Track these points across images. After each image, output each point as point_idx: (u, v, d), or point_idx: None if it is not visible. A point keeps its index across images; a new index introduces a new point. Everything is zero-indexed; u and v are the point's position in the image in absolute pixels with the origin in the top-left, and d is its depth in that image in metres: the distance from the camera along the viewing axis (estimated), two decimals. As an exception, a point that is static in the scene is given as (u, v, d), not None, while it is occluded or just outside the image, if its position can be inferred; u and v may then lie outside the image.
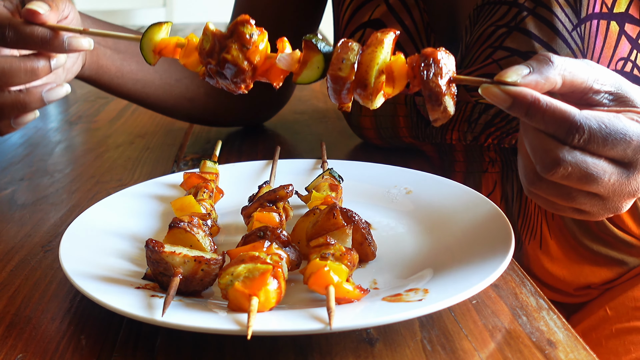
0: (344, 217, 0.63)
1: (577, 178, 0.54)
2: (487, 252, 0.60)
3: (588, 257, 0.91)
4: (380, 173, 0.84)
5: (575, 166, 0.54)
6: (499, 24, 0.85)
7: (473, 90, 0.88)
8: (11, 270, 0.67)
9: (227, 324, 0.50)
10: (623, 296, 0.90)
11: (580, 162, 0.54)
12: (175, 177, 0.83)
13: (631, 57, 0.81)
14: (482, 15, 0.87)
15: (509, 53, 0.84)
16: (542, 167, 0.54)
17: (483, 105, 0.88)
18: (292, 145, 1.10)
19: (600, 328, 0.89)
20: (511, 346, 0.52)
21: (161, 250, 0.56)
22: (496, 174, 0.92)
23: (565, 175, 0.54)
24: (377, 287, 0.59)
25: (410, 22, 0.93)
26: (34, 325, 0.57)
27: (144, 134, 1.19)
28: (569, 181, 0.55)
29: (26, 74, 0.67)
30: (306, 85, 1.57)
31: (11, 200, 0.87)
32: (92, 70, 0.86)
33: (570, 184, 0.55)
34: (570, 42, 0.81)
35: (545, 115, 0.53)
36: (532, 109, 0.53)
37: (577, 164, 0.54)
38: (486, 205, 0.70)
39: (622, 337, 0.87)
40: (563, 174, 0.54)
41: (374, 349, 0.52)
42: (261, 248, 0.57)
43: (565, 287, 0.94)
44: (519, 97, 0.53)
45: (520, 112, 0.53)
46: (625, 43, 0.80)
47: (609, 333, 0.88)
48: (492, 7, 0.86)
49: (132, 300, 0.54)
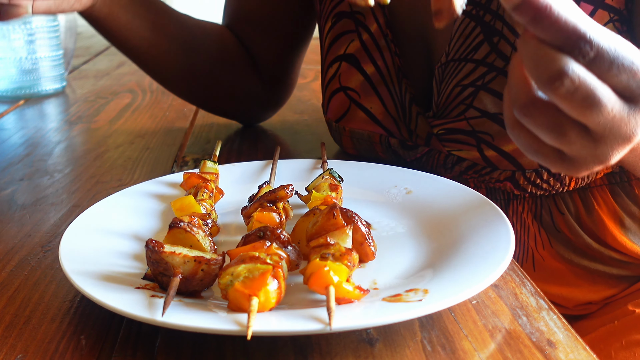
0: (344, 217, 0.63)
1: (581, 98, 0.47)
2: (487, 252, 0.60)
3: (584, 276, 0.90)
4: (380, 173, 0.84)
5: (583, 82, 0.46)
6: (464, 83, 0.82)
7: (445, 141, 0.87)
8: (11, 270, 0.67)
9: (227, 324, 0.50)
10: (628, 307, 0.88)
11: (588, 79, 0.47)
12: (175, 177, 0.83)
13: None
14: (448, 72, 0.85)
15: (479, 114, 0.82)
16: (545, 79, 0.47)
17: (455, 157, 0.87)
18: (292, 145, 1.10)
19: (609, 340, 0.88)
20: (511, 346, 0.52)
21: (161, 250, 0.56)
22: None
23: (571, 90, 0.46)
24: (377, 287, 0.59)
25: (382, 62, 0.91)
26: (33, 325, 0.57)
27: (144, 134, 1.19)
28: (571, 101, 0.47)
29: None
30: (306, 85, 1.57)
31: (11, 200, 0.87)
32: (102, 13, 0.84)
33: (571, 105, 0.48)
34: None
35: (554, 23, 0.46)
36: (541, 14, 0.45)
37: (584, 79, 0.46)
38: (486, 205, 0.70)
39: (632, 349, 0.85)
40: (569, 87, 0.46)
41: (374, 349, 0.52)
42: (261, 248, 0.57)
43: (565, 303, 0.93)
44: None
45: (525, 16, 0.46)
46: None
47: (619, 345, 0.86)
48: (457, 65, 0.83)
49: (132, 300, 0.54)
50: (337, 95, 0.95)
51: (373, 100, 0.92)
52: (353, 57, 0.93)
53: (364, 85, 0.92)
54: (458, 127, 0.85)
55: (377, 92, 0.91)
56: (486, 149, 0.83)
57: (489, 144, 0.83)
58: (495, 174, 0.85)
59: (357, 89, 0.93)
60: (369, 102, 0.92)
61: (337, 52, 0.95)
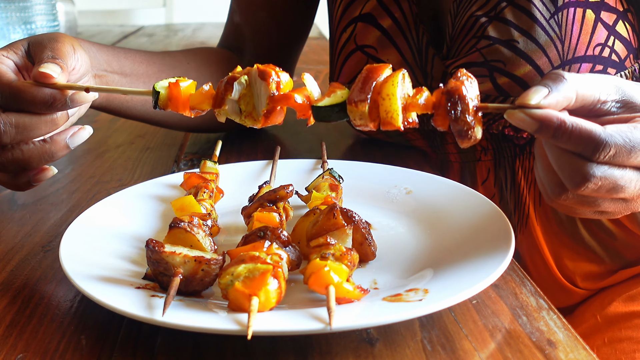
0: (344, 217, 0.63)
1: (606, 190, 0.56)
2: (487, 252, 0.60)
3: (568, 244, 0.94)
4: (380, 173, 0.84)
5: (605, 180, 0.56)
6: (478, 14, 0.87)
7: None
8: (11, 270, 0.67)
9: (227, 324, 0.50)
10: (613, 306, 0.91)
11: (609, 175, 0.56)
12: (175, 177, 0.83)
13: (608, 43, 0.84)
14: (462, 6, 0.89)
15: (490, 42, 0.86)
16: (571, 184, 0.56)
17: None
18: (292, 145, 1.10)
19: (593, 336, 0.91)
20: (511, 346, 0.52)
21: (161, 250, 0.56)
22: (489, 161, 0.95)
23: (595, 189, 0.56)
24: (377, 287, 0.59)
25: (400, 14, 0.95)
26: (34, 325, 0.57)
27: (144, 134, 1.19)
28: (598, 193, 0.57)
29: (46, 125, 0.67)
30: (306, 85, 1.57)
31: (11, 200, 0.88)
32: (103, 98, 0.87)
33: (599, 195, 0.57)
34: (548, 30, 0.83)
35: (572, 136, 0.54)
36: (559, 131, 0.54)
37: (605, 177, 0.56)
38: (486, 205, 0.70)
39: (614, 346, 0.88)
40: (593, 188, 0.56)
41: (374, 349, 0.52)
42: (261, 248, 0.57)
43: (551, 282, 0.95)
44: (545, 120, 0.54)
45: (547, 135, 0.55)
46: (602, 30, 0.84)
47: (602, 342, 0.89)
48: None
49: (132, 300, 0.54)
50: (353, 56, 0.99)
51: (390, 52, 0.96)
52: (369, 15, 0.96)
53: (380, 40, 0.96)
54: (471, 60, 0.88)
55: (395, 44, 0.95)
56: (499, 77, 0.87)
57: (501, 70, 0.86)
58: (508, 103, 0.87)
59: (375, 44, 0.97)
60: (385, 54, 0.96)
61: (352, 15, 0.98)
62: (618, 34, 0.84)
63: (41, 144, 0.68)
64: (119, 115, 0.95)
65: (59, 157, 0.69)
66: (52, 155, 0.68)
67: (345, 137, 1.12)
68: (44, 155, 0.68)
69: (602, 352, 0.88)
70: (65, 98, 0.66)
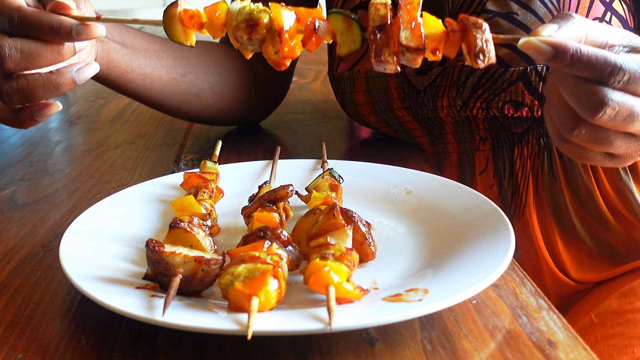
0: (344, 217, 0.63)
1: (623, 118, 0.56)
2: (487, 252, 0.60)
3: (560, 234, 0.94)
4: (380, 173, 0.84)
5: (622, 105, 0.55)
6: None
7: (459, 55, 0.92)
8: (11, 270, 0.67)
9: (227, 324, 0.50)
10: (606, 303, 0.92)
11: (626, 101, 0.55)
12: (175, 177, 0.83)
13: (605, 18, 0.85)
14: None
15: (490, 15, 0.87)
16: (589, 111, 0.55)
17: (469, 67, 0.91)
18: (292, 145, 1.10)
19: (587, 335, 0.91)
20: (511, 346, 0.52)
21: (161, 250, 0.56)
22: (488, 151, 0.96)
23: (612, 115, 0.55)
24: (377, 287, 0.59)
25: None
26: (34, 325, 0.57)
27: (144, 134, 1.19)
28: (614, 122, 0.56)
29: (52, 53, 0.66)
30: (306, 85, 1.57)
31: (11, 200, 0.88)
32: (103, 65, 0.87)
33: (615, 125, 0.56)
34: (546, 2, 0.85)
35: (588, 61, 0.54)
36: (574, 58, 0.54)
37: (623, 103, 0.55)
38: (486, 206, 0.70)
39: (607, 342, 0.89)
40: (610, 114, 0.55)
41: (374, 349, 0.52)
42: (261, 248, 0.57)
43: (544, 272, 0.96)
44: (560, 47, 0.54)
45: (562, 62, 0.54)
46: (599, 4, 0.85)
47: (595, 340, 0.90)
48: None
49: (132, 300, 0.54)
50: None
51: None
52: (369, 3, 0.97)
53: None
54: None
55: None
56: (499, 49, 0.87)
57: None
58: (508, 74, 0.89)
59: None
60: None
61: (353, 2, 0.97)
62: (615, 10, 0.85)
63: (47, 75, 0.67)
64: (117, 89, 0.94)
65: (65, 91, 0.68)
66: (58, 87, 0.67)
67: (345, 137, 1.12)
68: (49, 86, 0.67)
69: (596, 349, 0.89)
70: (71, 25, 0.65)
